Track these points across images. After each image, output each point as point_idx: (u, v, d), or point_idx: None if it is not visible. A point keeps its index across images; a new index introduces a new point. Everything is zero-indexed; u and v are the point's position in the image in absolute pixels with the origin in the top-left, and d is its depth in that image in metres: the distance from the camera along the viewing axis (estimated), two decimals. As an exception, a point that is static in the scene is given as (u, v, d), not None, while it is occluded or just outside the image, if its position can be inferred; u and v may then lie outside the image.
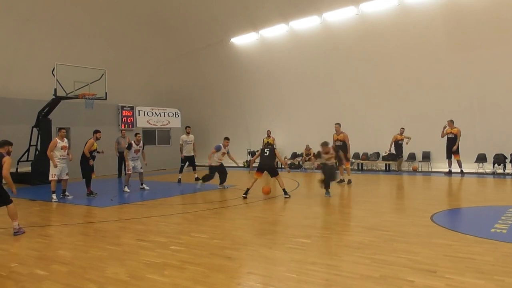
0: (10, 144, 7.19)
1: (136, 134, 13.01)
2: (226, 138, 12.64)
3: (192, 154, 14.77)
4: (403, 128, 16.17)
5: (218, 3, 19.73)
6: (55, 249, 6.04)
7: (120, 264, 5.16)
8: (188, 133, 14.81)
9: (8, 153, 7.02)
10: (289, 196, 10.34)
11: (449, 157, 15.10)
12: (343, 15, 17.41)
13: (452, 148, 14.84)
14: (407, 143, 16.18)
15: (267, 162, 10.76)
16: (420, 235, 6.26)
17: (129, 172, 12.51)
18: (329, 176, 10.51)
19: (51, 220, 8.33)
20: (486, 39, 14.66)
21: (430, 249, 5.44)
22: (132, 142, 12.68)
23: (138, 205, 10.10)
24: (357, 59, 17.60)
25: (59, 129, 11.15)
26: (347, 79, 18.23)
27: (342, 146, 12.52)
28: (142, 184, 12.86)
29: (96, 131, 11.53)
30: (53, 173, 10.72)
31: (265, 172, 10.80)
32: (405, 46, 16.35)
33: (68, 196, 11.06)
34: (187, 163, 14.90)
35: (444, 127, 14.99)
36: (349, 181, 12.68)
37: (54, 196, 10.64)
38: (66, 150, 10.95)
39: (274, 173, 10.73)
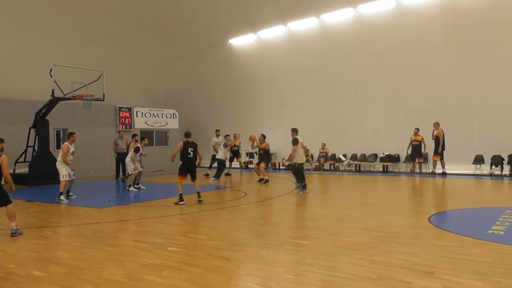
0: (2, 141, 7.18)
1: (143, 139, 13.43)
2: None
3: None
4: (417, 128, 15.70)
5: (217, 5, 19.73)
6: (52, 250, 6.03)
7: (118, 265, 5.16)
8: (218, 136, 17.02)
9: (1, 150, 7.01)
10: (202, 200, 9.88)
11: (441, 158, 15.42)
12: (341, 17, 17.41)
13: (434, 150, 15.33)
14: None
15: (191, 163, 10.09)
16: (417, 236, 6.28)
17: (135, 172, 12.63)
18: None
19: (48, 221, 8.31)
20: (484, 41, 14.69)
21: (427, 250, 5.45)
22: (139, 145, 12.80)
23: (136, 206, 10.08)
24: (355, 60, 17.61)
25: (71, 134, 10.91)
26: (345, 80, 18.24)
27: (266, 152, 15.12)
28: (138, 184, 13.04)
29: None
30: (64, 174, 10.45)
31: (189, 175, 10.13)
32: (403, 48, 16.37)
33: (72, 196, 10.95)
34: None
35: (433, 131, 15.32)
36: (266, 180, 14.28)
37: (62, 197, 10.44)
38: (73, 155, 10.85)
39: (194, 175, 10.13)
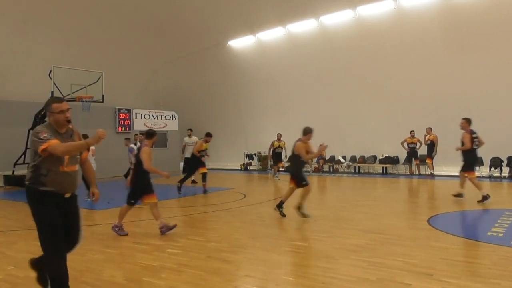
0: (151, 135, 7.23)
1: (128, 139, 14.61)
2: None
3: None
4: (413, 131, 16.07)
5: (215, 6, 19.74)
6: (51, 252, 6.01)
7: (117, 267, 5.15)
8: (189, 136, 15.10)
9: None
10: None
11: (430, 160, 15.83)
12: (340, 18, 17.42)
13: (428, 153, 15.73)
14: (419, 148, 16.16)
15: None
16: (417, 238, 6.28)
17: None
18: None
19: (47, 223, 8.28)
20: (483, 42, 14.71)
21: (427, 252, 5.45)
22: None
23: (135, 207, 10.02)
24: (354, 61, 17.62)
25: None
26: (344, 81, 18.25)
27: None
28: None
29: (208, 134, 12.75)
30: None
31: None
32: (402, 49, 16.37)
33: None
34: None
35: (425, 135, 15.74)
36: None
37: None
38: None
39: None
